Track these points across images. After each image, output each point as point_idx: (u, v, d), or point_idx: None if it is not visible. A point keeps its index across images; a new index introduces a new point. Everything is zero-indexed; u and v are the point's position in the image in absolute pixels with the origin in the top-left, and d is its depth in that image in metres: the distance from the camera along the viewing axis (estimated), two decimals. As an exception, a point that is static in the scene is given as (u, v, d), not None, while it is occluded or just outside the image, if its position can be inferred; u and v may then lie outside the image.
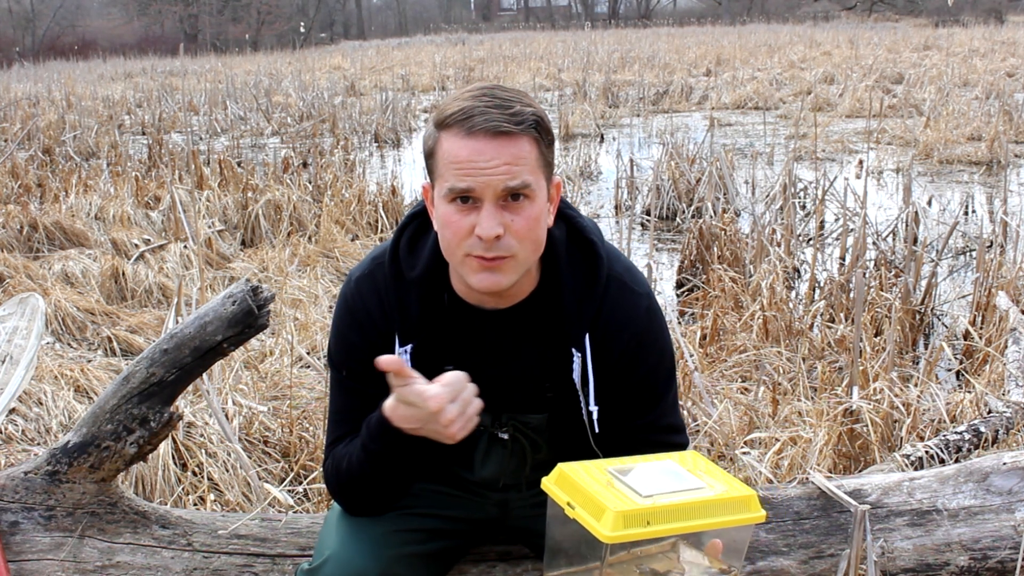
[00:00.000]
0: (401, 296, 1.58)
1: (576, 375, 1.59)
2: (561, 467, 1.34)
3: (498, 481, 1.70)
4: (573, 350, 1.58)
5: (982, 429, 2.86)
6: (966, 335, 4.16)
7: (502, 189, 1.43)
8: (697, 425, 3.12)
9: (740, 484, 1.30)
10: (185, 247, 5.90)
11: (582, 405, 1.60)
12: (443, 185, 1.46)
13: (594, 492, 1.26)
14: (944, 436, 2.80)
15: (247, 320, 1.86)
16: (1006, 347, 3.76)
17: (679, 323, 4.49)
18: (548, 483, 1.35)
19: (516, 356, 1.61)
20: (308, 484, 2.86)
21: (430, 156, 1.49)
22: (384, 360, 1.41)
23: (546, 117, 1.49)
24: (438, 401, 1.40)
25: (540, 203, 1.48)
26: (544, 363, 1.60)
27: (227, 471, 2.91)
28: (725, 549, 1.32)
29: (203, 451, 2.95)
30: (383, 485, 1.63)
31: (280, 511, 2.47)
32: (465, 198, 1.44)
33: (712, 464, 1.37)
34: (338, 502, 1.70)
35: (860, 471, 2.75)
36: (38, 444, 3.21)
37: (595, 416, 1.58)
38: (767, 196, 7.21)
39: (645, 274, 1.77)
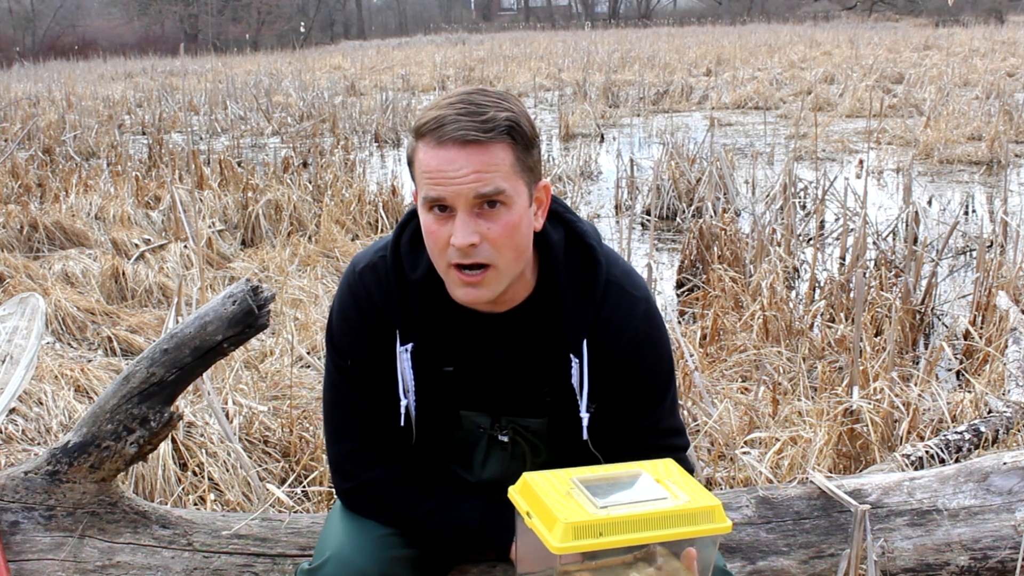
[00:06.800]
0: (403, 296, 1.58)
1: (575, 380, 1.58)
2: (526, 476, 1.34)
3: (498, 483, 1.70)
4: (571, 355, 1.57)
5: (982, 429, 2.86)
6: (966, 335, 4.16)
7: (474, 197, 1.42)
8: (697, 425, 3.12)
9: (706, 495, 1.29)
10: (185, 247, 5.90)
11: (580, 410, 1.60)
12: (419, 194, 1.47)
13: (550, 502, 1.26)
14: (944, 436, 2.80)
15: (247, 320, 1.86)
16: (1006, 347, 3.76)
17: (679, 323, 4.49)
18: (513, 492, 1.35)
19: (514, 360, 1.61)
20: (308, 484, 2.86)
21: (410, 164, 1.50)
22: None
23: (525, 121, 1.47)
24: None
25: (518, 209, 1.46)
26: (542, 368, 1.60)
27: (227, 471, 2.91)
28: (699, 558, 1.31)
29: (203, 451, 2.95)
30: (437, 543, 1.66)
31: (281, 511, 2.47)
32: (442, 207, 1.44)
33: (684, 473, 1.36)
34: (353, 505, 1.67)
35: (860, 471, 2.75)
36: (38, 444, 3.21)
37: (584, 423, 1.58)
38: (767, 196, 7.21)
39: (645, 274, 1.78)
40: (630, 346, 1.58)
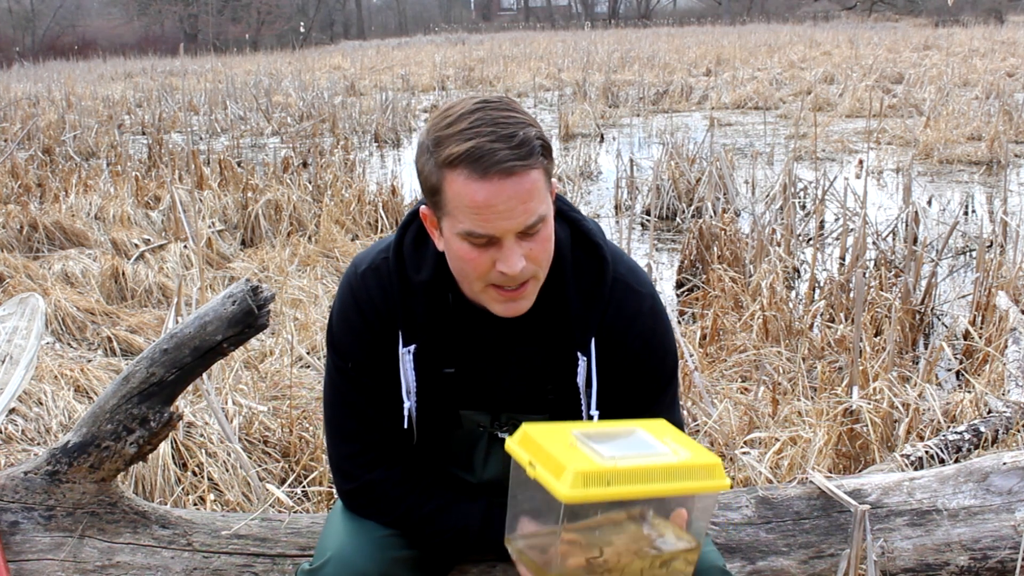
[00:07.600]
0: (407, 298, 1.57)
1: (580, 379, 1.58)
2: (526, 427, 1.31)
3: (500, 483, 1.70)
4: (578, 354, 1.57)
5: (982, 429, 2.86)
6: (966, 335, 4.16)
7: (522, 228, 1.42)
8: (697, 425, 3.12)
9: (705, 451, 1.28)
10: (185, 247, 5.90)
11: (583, 408, 1.60)
12: (457, 225, 1.42)
13: (555, 452, 1.24)
14: (944, 436, 2.80)
15: (247, 320, 1.86)
16: (1006, 347, 3.76)
17: (679, 323, 4.49)
18: (511, 443, 1.32)
19: (518, 359, 1.60)
20: (308, 484, 2.86)
21: (434, 192, 1.44)
22: None
23: (543, 131, 1.45)
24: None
25: (550, 220, 1.47)
26: (547, 365, 1.60)
27: (227, 471, 2.91)
28: (691, 520, 1.31)
29: (203, 451, 2.95)
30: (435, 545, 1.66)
31: (280, 511, 2.47)
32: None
33: (679, 432, 1.35)
34: (354, 506, 1.67)
35: (860, 471, 2.75)
36: (38, 444, 3.21)
37: (595, 420, 1.58)
38: (767, 196, 7.21)
39: (645, 274, 1.77)
40: (637, 342, 1.58)
